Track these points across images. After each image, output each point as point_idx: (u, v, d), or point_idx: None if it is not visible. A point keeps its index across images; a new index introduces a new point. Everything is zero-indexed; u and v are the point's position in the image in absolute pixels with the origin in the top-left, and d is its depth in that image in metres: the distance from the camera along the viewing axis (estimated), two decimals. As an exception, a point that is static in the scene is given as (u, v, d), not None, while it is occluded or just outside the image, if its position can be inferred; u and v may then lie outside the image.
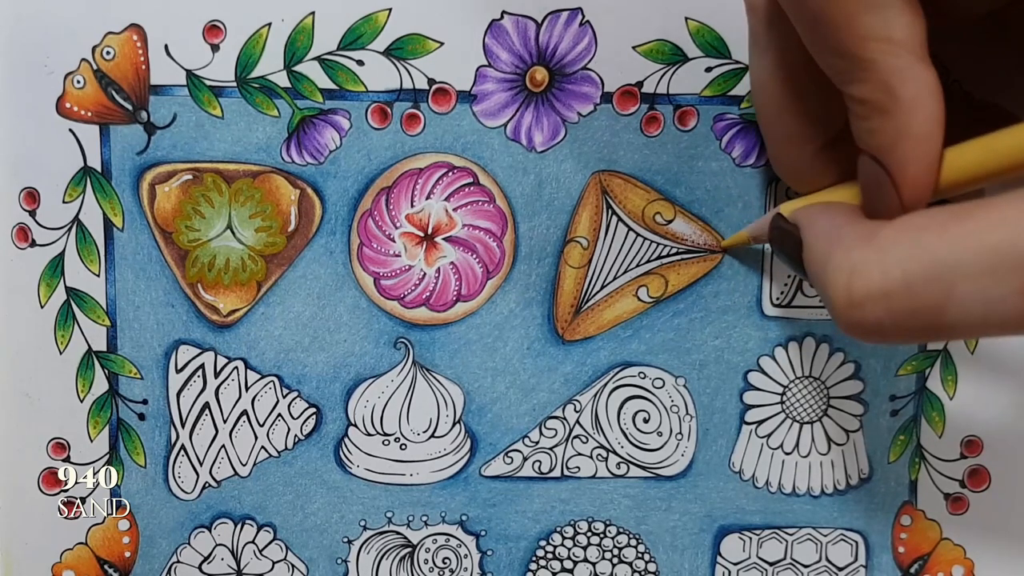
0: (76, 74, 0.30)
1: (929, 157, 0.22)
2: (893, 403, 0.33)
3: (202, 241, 0.31)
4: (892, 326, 0.21)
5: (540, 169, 0.31)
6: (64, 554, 0.33)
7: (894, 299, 0.20)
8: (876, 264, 0.21)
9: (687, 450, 0.33)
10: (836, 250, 0.22)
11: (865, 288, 0.21)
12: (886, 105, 0.22)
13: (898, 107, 0.22)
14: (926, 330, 0.21)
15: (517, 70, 0.31)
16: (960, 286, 0.19)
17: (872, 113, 0.22)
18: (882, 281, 0.21)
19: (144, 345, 0.32)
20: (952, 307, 0.20)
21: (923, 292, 0.20)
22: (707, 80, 0.31)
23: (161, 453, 0.32)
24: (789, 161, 0.28)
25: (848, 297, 0.21)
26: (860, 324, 0.21)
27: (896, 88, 0.21)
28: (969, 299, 0.19)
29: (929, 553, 0.34)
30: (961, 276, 0.19)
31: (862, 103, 0.22)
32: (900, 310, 0.20)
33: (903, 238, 0.21)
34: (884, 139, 0.22)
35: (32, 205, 0.31)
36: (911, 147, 0.22)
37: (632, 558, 0.33)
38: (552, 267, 0.32)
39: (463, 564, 0.33)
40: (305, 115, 0.31)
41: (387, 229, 0.32)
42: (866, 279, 0.21)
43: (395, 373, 0.32)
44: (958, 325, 0.20)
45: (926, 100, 0.21)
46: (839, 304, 0.21)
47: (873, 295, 0.21)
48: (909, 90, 0.21)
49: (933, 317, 0.20)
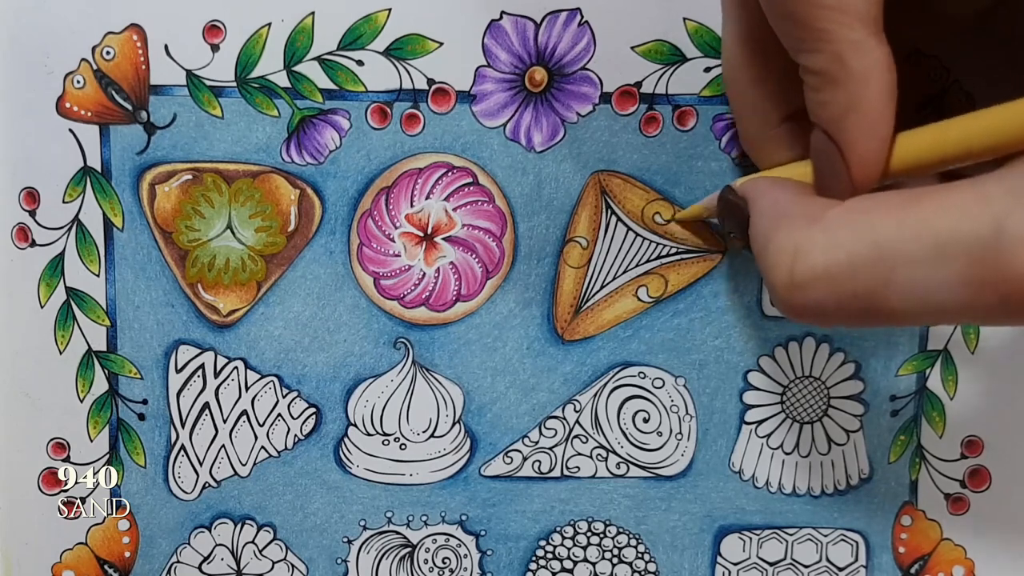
0: (76, 74, 0.30)
1: (879, 133, 0.22)
2: (893, 403, 0.33)
3: (202, 241, 0.31)
4: (834, 308, 0.21)
5: (539, 169, 0.31)
6: (64, 554, 0.33)
7: (836, 281, 0.20)
8: (820, 246, 0.21)
9: (687, 450, 0.33)
10: (781, 228, 0.22)
11: (809, 269, 0.21)
12: (837, 76, 0.22)
13: (849, 79, 0.21)
14: (867, 313, 0.20)
15: (516, 70, 0.31)
16: (902, 270, 0.19)
17: (823, 84, 0.22)
18: (825, 263, 0.20)
19: (144, 345, 0.32)
20: (893, 291, 0.20)
21: (866, 275, 0.20)
22: (706, 80, 0.31)
23: (161, 453, 0.32)
24: (751, 134, 0.28)
25: (791, 278, 0.21)
26: (802, 305, 0.21)
27: (848, 59, 0.21)
28: (910, 284, 0.19)
29: (929, 553, 0.34)
30: (902, 261, 0.19)
31: (814, 74, 0.22)
32: (842, 292, 0.20)
33: (848, 220, 0.21)
34: (834, 111, 0.22)
35: (32, 205, 0.31)
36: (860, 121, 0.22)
37: (632, 558, 0.33)
38: (552, 267, 0.32)
39: (463, 564, 0.33)
40: (305, 115, 0.31)
41: (387, 229, 0.32)
42: (810, 260, 0.21)
43: (395, 373, 0.32)
44: (899, 310, 0.20)
45: (877, 74, 0.21)
46: (781, 284, 0.21)
47: (816, 276, 0.21)
48: (860, 62, 0.21)
49: (875, 300, 0.20)
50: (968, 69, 0.28)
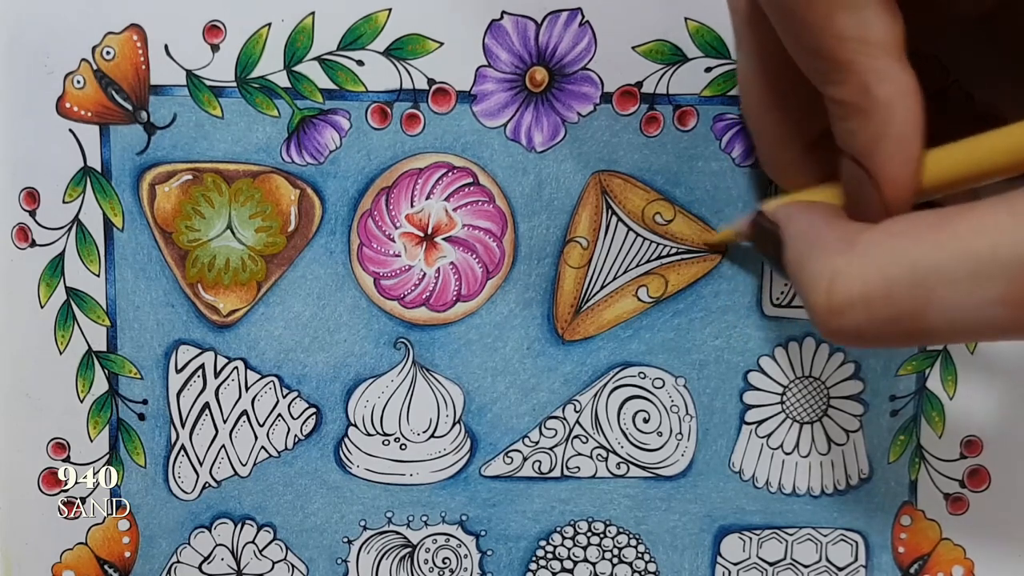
0: (76, 74, 0.30)
1: (908, 158, 0.22)
2: (893, 403, 0.33)
3: (202, 241, 0.31)
4: (872, 332, 0.21)
5: (540, 169, 0.31)
6: (64, 554, 0.33)
7: (874, 306, 0.20)
8: (857, 270, 0.21)
9: (687, 450, 0.33)
10: (816, 253, 0.22)
11: (846, 294, 0.21)
12: (863, 106, 0.22)
13: (875, 108, 0.22)
14: (906, 335, 0.21)
15: (517, 70, 0.31)
16: (939, 293, 0.19)
17: (850, 114, 0.22)
18: (862, 288, 0.21)
19: (144, 345, 0.32)
20: (931, 314, 0.20)
21: (903, 299, 0.20)
22: (707, 80, 0.31)
23: (161, 453, 0.32)
24: (775, 160, 0.28)
25: (828, 303, 0.21)
26: (840, 330, 0.21)
27: (873, 89, 0.21)
28: (948, 306, 0.19)
29: (929, 553, 0.34)
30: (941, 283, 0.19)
31: (840, 104, 0.22)
32: (880, 317, 0.20)
33: (883, 244, 0.21)
34: (863, 140, 0.22)
35: (32, 205, 0.31)
36: (890, 148, 0.22)
37: (632, 558, 0.33)
38: (552, 267, 0.32)
39: (463, 564, 0.33)
40: (305, 115, 0.31)
41: (387, 229, 0.32)
42: (847, 285, 0.21)
43: (395, 373, 0.32)
44: (937, 331, 0.20)
45: (903, 101, 0.21)
46: (819, 310, 0.21)
47: (853, 302, 0.21)
48: (886, 91, 0.21)
49: (913, 323, 0.20)
50: (968, 69, 0.28)
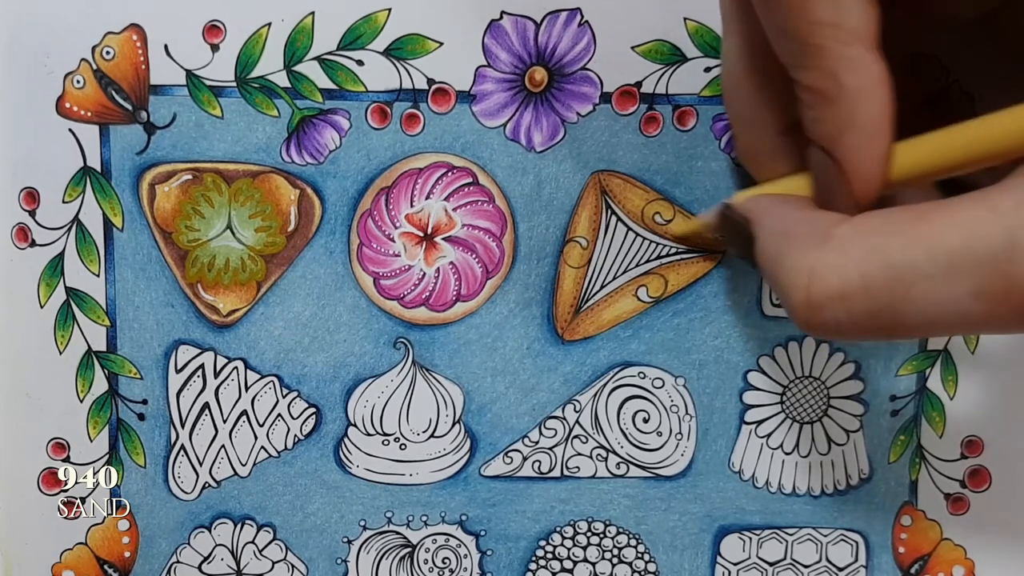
0: (76, 74, 0.30)
1: (876, 149, 0.22)
2: (893, 403, 0.33)
3: (202, 241, 0.31)
4: (851, 327, 0.21)
5: (539, 169, 0.31)
6: (64, 554, 0.33)
7: (852, 301, 0.21)
8: (834, 266, 0.21)
9: (687, 450, 0.33)
10: (791, 249, 0.22)
11: (824, 291, 0.21)
12: (832, 93, 0.22)
13: (843, 96, 0.22)
14: (884, 329, 0.21)
15: (516, 70, 0.31)
16: (916, 288, 0.20)
17: (818, 101, 0.22)
18: (840, 284, 0.21)
19: (144, 345, 0.32)
20: (909, 308, 0.20)
21: (881, 294, 0.20)
22: (706, 80, 0.31)
23: (161, 453, 0.32)
24: (749, 144, 0.28)
25: (807, 299, 0.21)
26: (820, 325, 0.22)
27: (842, 76, 0.21)
28: (925, 300, 0.20)
29: (929, 553, 0.34)
30: (918, 279, 0.20)
31: (809, 90, 0.22)
32: (858, 311, 0.21)
33: (859, 240, 0.21)
34: (830, 128, 0.22)
35: (32, 205, 0.31)
36: (857, 138, 0.22)
37: (632, 558, 0.33)
38: (551, 267, 0.32)
39: (463, 564, 0.33)
40: (305, 115, 0.31)
41: (387, 229, 0.32)
42: (824, 282, 0.21)
43: (395, 373, 0.32)
44: (914, 325, 0.20)
45: (872, 91, 0.21)
46: (798, 306, 0.22)
47: (832, 297, 0.21)
48: (855, 79, 0.21)
49: (890, 318, 0.20)
50: (968, 69, 0.28)
